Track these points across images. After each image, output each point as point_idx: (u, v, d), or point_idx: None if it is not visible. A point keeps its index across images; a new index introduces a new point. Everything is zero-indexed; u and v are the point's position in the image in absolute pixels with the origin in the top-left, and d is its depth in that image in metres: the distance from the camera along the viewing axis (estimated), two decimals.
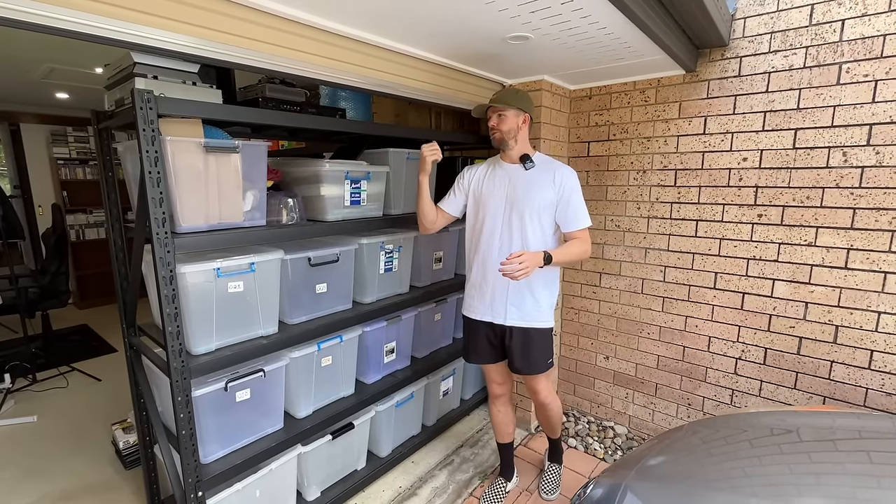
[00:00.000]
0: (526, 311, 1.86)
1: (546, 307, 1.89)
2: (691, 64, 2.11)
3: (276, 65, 1.51)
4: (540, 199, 1.80)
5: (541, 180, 1.82)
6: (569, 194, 1.80)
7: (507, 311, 1.87)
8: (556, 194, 1.80)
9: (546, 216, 1.82)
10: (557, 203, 1.81)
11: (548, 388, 2.01)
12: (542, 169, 1.84)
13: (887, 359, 1.89)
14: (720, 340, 2.29)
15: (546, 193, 1.80)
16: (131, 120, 1.27)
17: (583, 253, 1.82)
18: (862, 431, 1.37)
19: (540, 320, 1.88)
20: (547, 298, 1.89)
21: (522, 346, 1.89)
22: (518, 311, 1.87)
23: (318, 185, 1.86)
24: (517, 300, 1.86)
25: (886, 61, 1.77)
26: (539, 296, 1.86)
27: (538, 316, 1.87)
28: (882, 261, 1.86)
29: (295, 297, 1.81)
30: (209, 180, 1.47)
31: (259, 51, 1.45)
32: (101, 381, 3.40)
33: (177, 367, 1.39)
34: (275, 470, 1.73)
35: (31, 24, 1.06)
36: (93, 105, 1.72)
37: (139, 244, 1.53)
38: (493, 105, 1.82)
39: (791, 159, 2.00)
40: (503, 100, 1.81)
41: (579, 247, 1.81)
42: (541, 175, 1.83)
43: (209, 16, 1.32)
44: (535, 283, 1.84)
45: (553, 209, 1.82)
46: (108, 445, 2.56)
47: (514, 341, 1.89)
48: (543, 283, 1.87)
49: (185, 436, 1.43)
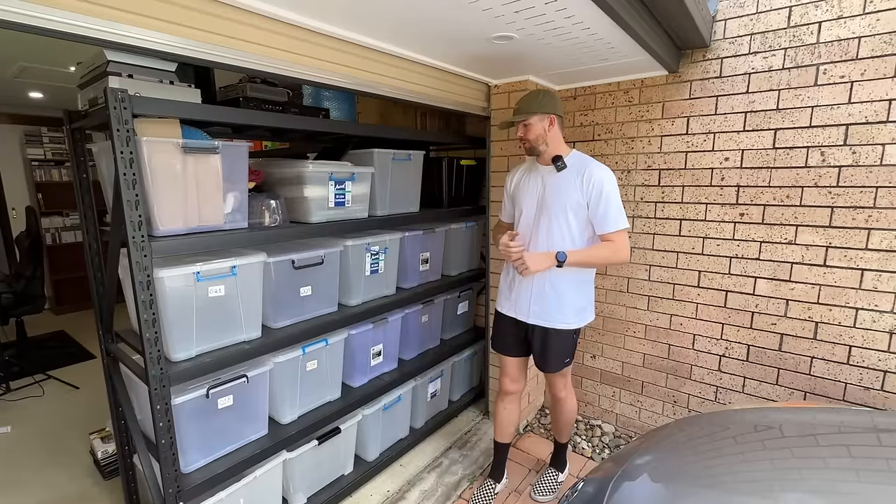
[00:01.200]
0: (548, 311, 1.87)
1: (570, 310, 1.87)
2: (674, 65, 2.13)
3: (257, 64, 1.48)
4: (567, 200, 1.79)
5: (569, 182, 1.79)
6: (598, 195, 1.74)
7: (529, 310, 1.91)
8: (585, 195, 1.76)
9: (574, 218, 1.79)
10: (588, 204, 1.77)
11: (563, 382, 2.05)
12: (574, 170, 1.80)
13: (865, 354, 1.94)
14: (704, 338, 2.32)
15: (573, 194, 1.78)
16: (105, 120, 1.23)
17: (609, 256, 1.78)
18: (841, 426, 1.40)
19: (561, 321, 1.87)
20: (573, 301, 1.87)
21: (542, 345, 1.93)
22: (540, 311, 1.88)
23: (302, 186, 1.83)
24: (540, 300, 1.87)
25: (861, 63, 1.81)
26: (564, 297, 1.85)
27: (560, 317, 1.87)
28: (859, 258, 1.90)
29: (278, 300, 1.77)
30: (188, 182, 1.43)
31: (240, 49, 1.42)
32: (78, 389, 3.31)
33: (155, 375, 1.35)
34: (259, 477, 1.70)
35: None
36: (68, 104, 1.66)
37: (115, 248, 1.48)
38: (515, 119, 1.80)
39: (771, 159, 2.04)
40: (524, 109, 1.79)
41: (604, 250, 1.77)
42: (570, 176, 1.80)
43: (187, 13, 1.29)
44: (560, 285, 1.84)
45: (582, 210, 1.78)
46: (85, 455, 2.49)
47: (536, 338, 1.94)
48: (572, 284, 1.85)
49: (164, 445, 1.39)
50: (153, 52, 1.27)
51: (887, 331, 1.88)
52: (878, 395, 1.93)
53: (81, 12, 1.11)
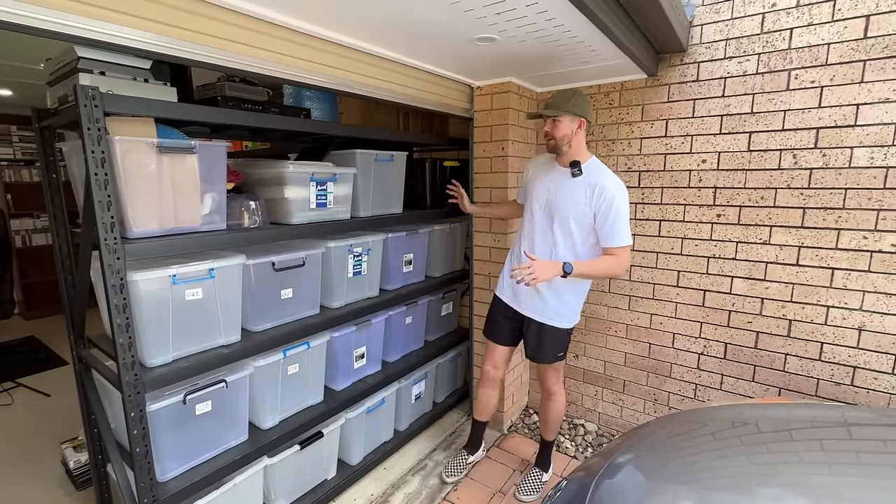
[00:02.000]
0: (547, 309, 1.94)
1: (567, 312, 1.95)
2: (653, 68, 2.17)
3: (236, 62, 1.45)
4: (573, 208, 1.79)
5: (579, 190, 1.79)
6: (606, 209, 1.74)
7: (526, 303, 1.97)
8: (592, 207, 1.76)
9: (578, 227, 1.80)
10: (595, 216, 1.77)
11: (556, 377, 2.10)
12: (587, 179, 1.79)
13: (836, 350, 2.00)
14: (683, 337, 2.37)
15: (580, 204, 1.78)
16: (75, 118, 1.18)
17: (611, 269, 1.80)
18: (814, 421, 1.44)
19: (557, 320, 1.94)
20: (572, 304, 1.95)
21: (536, 337, 1.99)
22: (538, 307, 1.95)
23: (282, 187, 1.81)
24: (535, 295, 1.94)
25: (831, 68, 1.87)
26: (561, 301, 1.92)
27: (557, 316, 1.94)
28: (829, 257, 1.96)
29: (258, 303, 1.74)
30: (163, 182, 1.39)
31: (218, 48, 1.39)
32: (50, 397, 3.19)
33: (129, 381, 1.31)
34: (239, 484, 1.66)
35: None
36: (38, 102, 1.60)
37: (87, 250, 1.43)
38: (545, 112, 1.78)
39: (746, 161, 2.09)
40: (557, 105, 1.76)
41: (607, 263, 1.79)
42: (582, 185, 1.79)
43: (162, 9, 1.26)
44: (562, 290, 1.90)
45: (587, 220, 1.79)
46: (57, 465, 2.40)
47: (530, 330, 2.00)
48: (571, 291, 1.92)
49: (139, 453, 1.35)
50: (126, 49, 1.24)
51: (856, 328, 1.94)
52: (848, 390, 2.00)
53: (50, 7, 1.07)
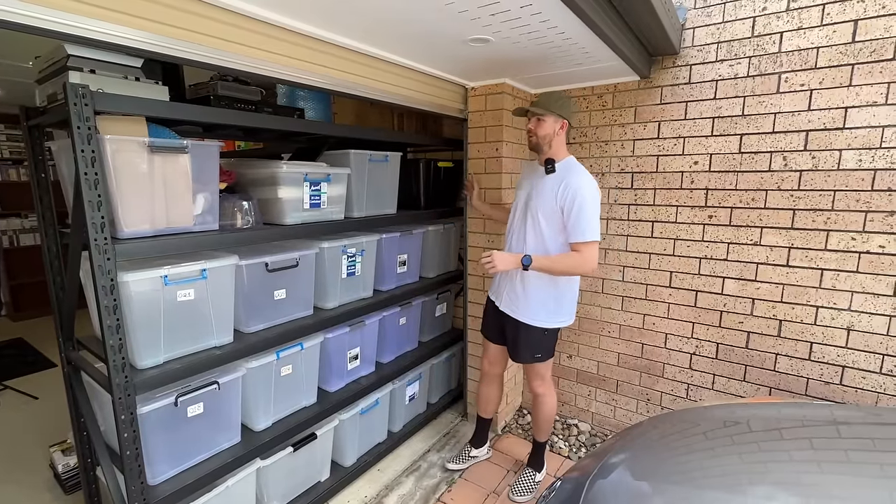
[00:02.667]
0: (517, 304, 1.99)
1: (538, 308, 1.95)
2: (646, 70, 2.18)
3: (229, 62, 1.44)
4: (543, 204, 1.86)
5: (550, 187, 1.85)
6: (570, 203, 1.77)
7: (502, 297, 2.05)
8: (559, 202, 1.80)
9: (547, 223, 1.85)
10: (562, 210, 1.81)
11: (541, 378, 2.11)
12: (558, 176, 1.85)
13: (825, 350, 2.03)
14: (676, 337, 2.39)
15: (549, 199, 1.84)
16: (65, 117, 1.17)
17: (574, 266, 1.80)
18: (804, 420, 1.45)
19: (529, 317, 1.97)
20: (540, 300, 1.94)
21: (513, 335, 2.04)
22: (509, 302, 2.01)
23: (276, 187, 1.80)
24: (510, 292, 2.01)
25: (820, 72, 1.89)
26: (531, 295, 1.95)
27: (527, 313, 1.97)
28: (819, 258, 1.99)
29: (251, 304, 1.73)
30: (155, 182, 1.38)
31: (211, 46, 1.38)
32: (38, 400, 3.15)
33: (119, 383, 1.29)
34: (232, 487, 1.65)
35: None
36: (26, 101, 1.58)
37: (76, 251, 1.41)
38: (532, 110, 1.84)
39: (737, 163, 2.11)
40: (543, 104, 1.81)
41: (570, 259, 1.80)
42: (552, 182, 1.85)
43: (154, 7, 1.24)
44: (528, 284, 1.94)
45: (556, 216, 1.83)
46: (45, 469, 2.37)
47: (508, 326, 2.06)
48: (540, 284, 1.93)
49: (129, 456, 1.33)
50: (118, 48, 1.22)
51: (845, 328, 1.97)
52: (837, 389, 2.02)
53: (40, 3, 1.06)
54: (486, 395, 2.32)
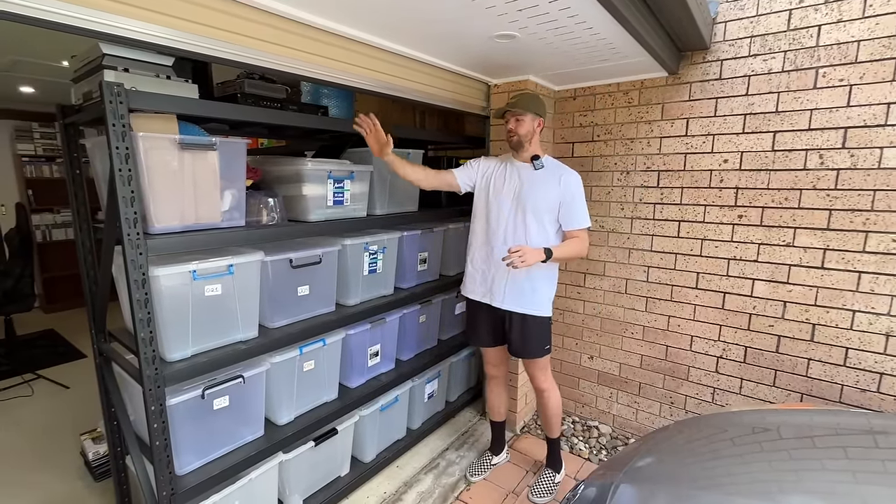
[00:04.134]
0: (524, 298, 1.98)
1: (545, 298, 2.00)
2: (674, 66, 2.13)
3: (257, 59, 1.46)
4: (544, 198, 1.91)
5: (547, 181, 1.92)
6: (571, 196, 1.90)
7: (504, 296, 2.00)
8: (560, 195, 1.90)
9: (548, 215, 1.93)
10: (560, 204, 1.91)
11: (545, 374, 2.12)
12: (550, 171, 1.94)
13: (861, 356, 1.95)
14: (702, 339, 2.33)
15: (551, 194, 1.91)
16: (100, 115, 1.20)
17: (580, 251, 1.95)
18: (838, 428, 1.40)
19: (537, 309, 1.99)
20: (546, 290, 2.01)
21: (521, 332, 2.02)
22: (515, 298, 1.99)
23: (300, 184, 1.81)
24: (515, 288, 1.98)
25: (860, 66, 1.82)
26: (538, 287, 1.98)
27: (535, 305, 1.98)
28: (856, 261, 1.91)
29: (276, 299, 1.75)
30: (184, 179, 1.40)
31: (239, 44, 1.40)
32: (69, 389, 3.25)
33: (150, 375, 1.32)
34: (255, 479, 1.67)
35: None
36: (60, 99, 1.63)
37: (109, 246, 1.45)
38: (511, 109, 1.90)
39: (770, 161, 2.04)
40: (522, 105, 1.89)
41: (577, 245, 1.93)
42: (548, 176, 1.93)
43: (186, 6, 1.27)
44: (536, 276, 1.96)
45: (556, 209, 1.92)
46: (76, 457, 2.44)
47: (514, 326, 2.03)
48: (545, 276, 1.99)
49: (158, 446, 1.36)
50: (150, 46, 1.25)
51: (884, 333, 1.89)
52: (874, 397, 1.94)
53: (77, 3, 1.08)
54: (494, 398, 2.34)
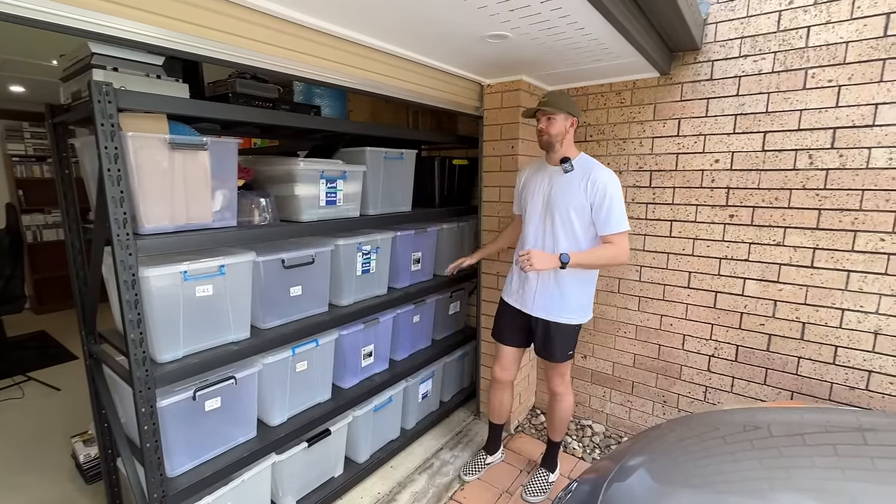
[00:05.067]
0: (552, 306, 1.95)
1: (574, 306, 1.95)
2: (666, 67, 2.14)
3: (249, 59, 1.45)
4: (572, 201, 1.85)
5: (575, 183, 1.86)
6: (601, 198, 1.80)
7: (534, 303, 1.99)
8: (589, 198, 1.82)
9: (578, 218, 1.85)
10: (591, 206, 1.83)
11: (562, 377, 2.09)
12: (580, 172, 1.86)
13: (850, 354, 1.97)
14: (694, 338, 2.34)
15: (578, 196, 1.84)
16: (88, 114, 1.19)
17: (612, 257, 1.84)
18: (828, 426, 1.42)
19: (564, 317, 1.95)
20: (576, 297, 1.95)
21: (544, 336, 2.00)
22: (544, 305, 1.96)
23: (292, 184, 1.80)
24: (544, 295, 1.96)
25: (849, 67, 1.83)
26: (567, 294, 1.93)
27: (563, 313, 1.95)
28: (845, 260, 1.93)
29: (268, 300, 1.74)
30: (175, 179, 1.39)
31: (231, 44, 1.39)
32: (60, 391, 3.22)
33: (140, 377, 1.31)
34: (247, 481, 1.67)
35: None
36: (50, 99, 1.61)
37: (99, 246, 1.44)
38: (542, 108, 1.83)
39: (760, 161, 2.06)
40: (553, 103, 1.83)
41: (608, 251, 1.83)
42: (576, 178, 1.86)
43: (176, 5, 1.25)
44: (565, 282, 1.92)
45: (586, 211, 1.84)
46: (67, 459, 2.42)
47: (539, 329, 2.02)
48: (576, 282, 1.93)
49: (149, 448, 1.35)
50: (140, 45, 1.24)
51: (872, 331, 1.91)
52: (863, 395, 1.96)
53: (65, 2, 1.07)
54: (497, 401, 2.26)
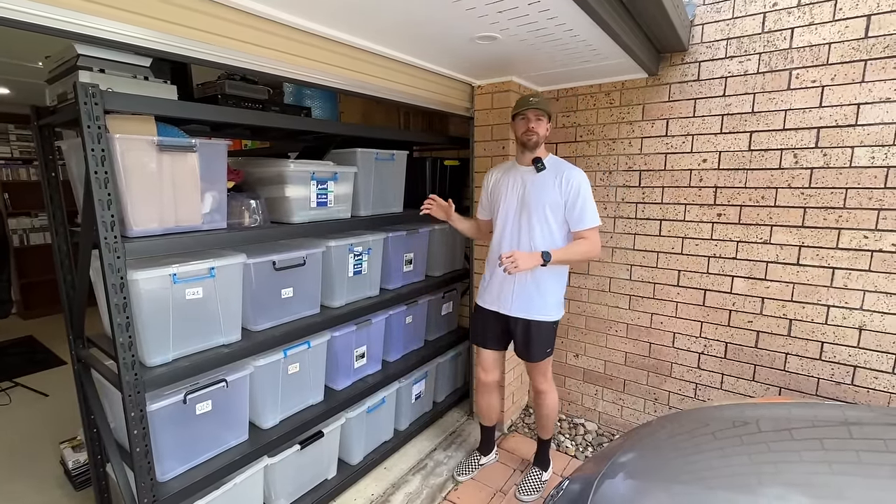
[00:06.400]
0: (531, 305, 1.97)
1: (552, 303, 1.99)
2: (654, 67, 2.16)
3: (238, 60, 1.44)
4: (547, 199, 1.89)
5: (548, 182, 1.90)
6: (574, 195, 1.85)
7: (513, 304, 2.00)
8: (563, 195, 1.87)
9: (553, 216, 1.90)
10: (565, 203, 1.88)
11: (544, 375, 2.11)
12: (551, 171, 1.91)
13: (836, 350, 2.00)
14: (684, 336, 2.37)
15: (553, 194, 1.88)
16: (75, 116, 1.18)
17: (587, 252, 1.89)
18: (815, 421, 1.44)
19: (544, 314, 1.98)
20: (553, 294, 1.99)
21: (524, 336, 2.02)
22: (522, 304, 1.98)
23: (283, 186, 1.80)
24: (522, 295, 1.98)
25: (832, 68, 1.87)
26: (545, 292, 1.96)
27: (542, 310, 1.98)
28: (830, 257, 1.96)
29: (259, 302, 1.74)
30: (164, 181, 1.39)
31: (219, 45, 1.38)
32: (48, 397, 3.18)
33: (129, 381, 1.30)
34: (240, 484, 1.66)
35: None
36: (36, 100, 1.59)
37: (86, 249, 1.42)
38: (535, 107, 1.87)
39: (747, 161, 2.09)
40: (544, 106, 1.89)
41: (583, 246, 1.88)
42: (549, 177, 1.91)
43: (163, 6, 1.25)
44: (542, 280, 1.95)
45: (560, 209, 1.89)
46: (56, 465, 2.39)
47: (518, 329, 2.03)
48: (552, 279, 1.97)
49: (139, 453, 1.34)
50: (127, 47, 1.23)
51: (856, 327, 1.95)
52: (848, 390, 2.00)
53: (50, 3, 1.06)
54: (485, 403, 2.26)
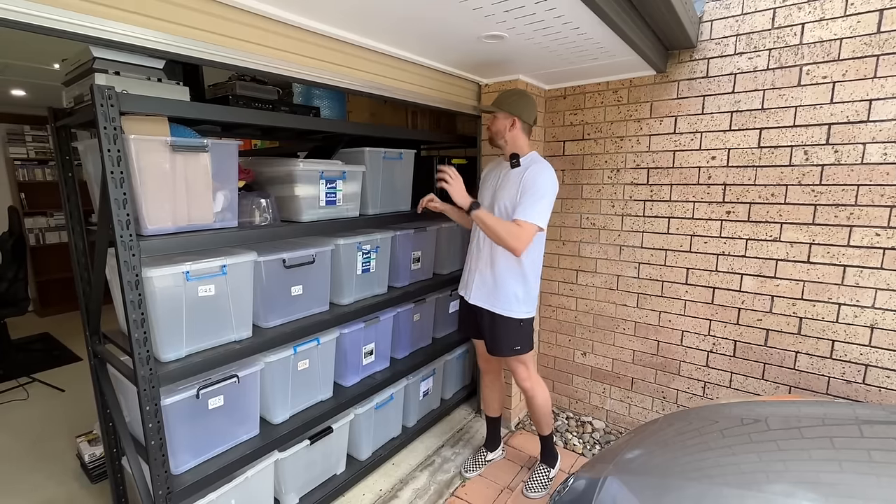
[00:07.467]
0: (488, 295, 2.00)
1: (512, 298, 1.96)
2: (661, 65, 2.15)
3: (248, 62, 1.47)
4: (509, 194, 1.92)
5: (515, 177, 1.93)
6: (526, 187, 1.86)
7: (472, 291, 2.04)
8: (520, 189, 1.88)
9: (511, 210, 1.90)
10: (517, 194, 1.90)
11: (525, 372, 2.10)
12: (523, 167, 1.93)
13: (847, 348, 1.98)
14: (692, 334, 2.36)
15: (513, 189, 1.91)
16: (91, 118, 1.21)
17: (508, 233, 1.77)
18: (825, 419, 1.43)
19: (507, 309, 1.97)
20: (509, 287, 1.95)
21: (489, 328, 2.04)
22: (481, 294, 2.02)
23: (292, 185, 1.82)
24: (480, 283, 2.02)
25: (843, 64, 1.85)
26: (502, 283, 1.96)
27: (502, 304, 1.97)
28: (841, 255, 1.94)
29: (269, 299, 1.76)
30: (177, 180, 1.41)
31: (230, 47, 1.41)
32: (64, 392, 3.25)
33: (144, 376, 1.33)
34: (251, 478, 1.69)
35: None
36: (52, 102, 1.63)
37: (102, 248, 1.46)
38: (484, 108, 2.01)
39: (756, 158, 2.07)
40: (496, 102, 1.96)
41: (509, 226, 1.79)
42: (517, 172, 1.93)
43: (176, 10, 1.28)
44: (499, 269, 1.95)
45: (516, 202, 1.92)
46: (72, 459, 2.45)
47: (484, 321, 2.05)
48: (510, 272, 1.94)
49: (154, 446, 1.37)
50: (141, 49, 1.26)
51: (868, 325, 1.93)
52: (859, 388, 1.98)
53: (67, 8, 1.09)
54: (486, 392, 2.35)
